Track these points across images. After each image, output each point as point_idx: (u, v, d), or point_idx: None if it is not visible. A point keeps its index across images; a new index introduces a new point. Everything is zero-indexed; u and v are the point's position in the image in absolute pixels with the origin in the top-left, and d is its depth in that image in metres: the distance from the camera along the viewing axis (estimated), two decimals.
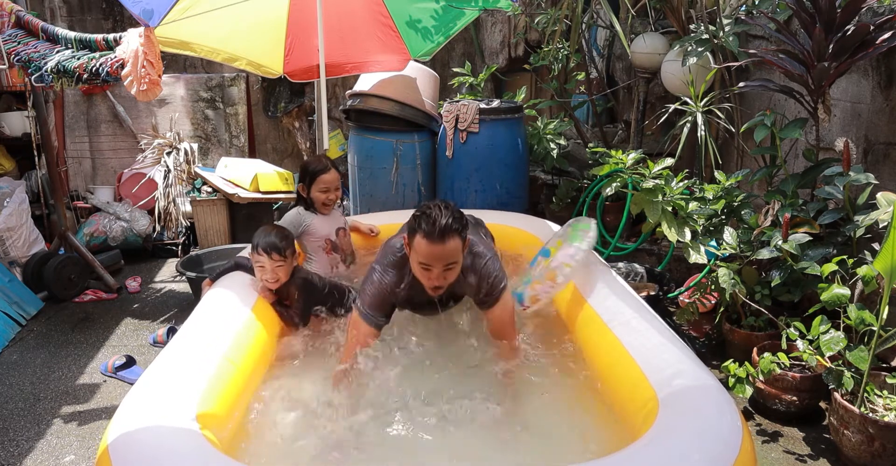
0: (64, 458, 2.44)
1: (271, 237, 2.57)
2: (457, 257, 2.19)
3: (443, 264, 2.16)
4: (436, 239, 2.11)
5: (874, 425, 2.15)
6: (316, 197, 3.00)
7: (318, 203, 3.02)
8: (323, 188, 2.99)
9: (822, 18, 2.66)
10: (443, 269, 2.18)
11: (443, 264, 2.16)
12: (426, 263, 2.17)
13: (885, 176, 2.84)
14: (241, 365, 2.19)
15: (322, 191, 2.99)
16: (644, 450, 1.60)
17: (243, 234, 4.56)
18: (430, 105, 4.30)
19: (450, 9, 3.96)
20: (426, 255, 2.15)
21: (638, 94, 4.28)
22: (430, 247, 2.13)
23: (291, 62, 4.06)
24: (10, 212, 4.04)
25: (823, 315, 2.41)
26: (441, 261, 2.16)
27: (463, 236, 2.20)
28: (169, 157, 4.94)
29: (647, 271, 3.62)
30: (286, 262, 2.59)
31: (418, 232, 2.15)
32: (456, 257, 2.19)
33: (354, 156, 4.30)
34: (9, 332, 3.44)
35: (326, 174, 2.98)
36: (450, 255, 2.16)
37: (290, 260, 2.60)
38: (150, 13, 2.99)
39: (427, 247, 2.13)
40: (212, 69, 5.49)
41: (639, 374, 2.00)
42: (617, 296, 2.49)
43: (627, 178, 3.16)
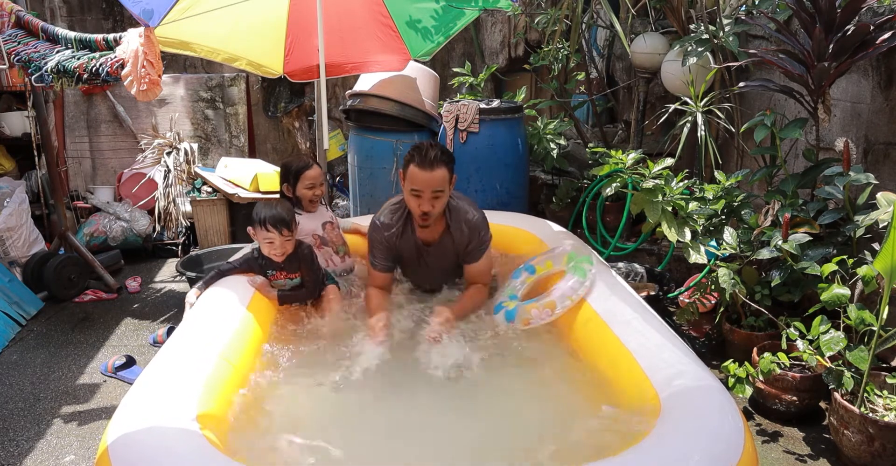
0: (64, 458, 2.44)
1: (276, 211, 2.59)
2: (443, 185, 2.52)
3: (431, 190, 2.49)
4: (426, 166, 2.47)
5: (874, 425, 2.15)
6: (303, 194, 2.98)
7: (305, 200, 2.99)
8: (308, 184, 2.97)
9: (822, 18, 2.66)
10: (431, 196, 2.51)
11: (431, 190, 2.49)
12: (417, 189, 2.50)
13: (885, 176, 2.84)
14: (238, 364, 2.19)
15: (308, 187, 2.97)
16: (646, 451, 1.60)
17: (243, 234, 4.55)
18: (430, 105, 4.30)
19: (450, 9, 3.96)
20: (417, 181, 2.49)
21: (638, 94, 4.28)
22: (420, 174, 2.48)
23: (291, 62, 4.06)
24: (10, 212, 4.04)
25: (823, 315, 2.41)
26: (430, 187, 2.49)
27: (450, 168, 2.54)
28: (169, 157, 4.94)
29: (647, 271, 3.62)
30: (293, 234, 2.64)
31: (411, 162, 2.51)
32: (442, 185, 2.52)
33: (354, 156, 4.30)
34: (9, 332, 3.44)
35: (310, 170, 2.97)
36: (438, 182, 2.50)
37: (296, 231, 2.66)
38: (150, 13, 2.99)
39: (418, 174, 2.48)
40: (212, 69, 5.49)
41: (640, 374, 2.00)
42: (617, 296, 2.49)
43: (627, 178, 3.16)
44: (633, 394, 2.01)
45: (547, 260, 2.86)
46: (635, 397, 1.98)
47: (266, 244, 2.62)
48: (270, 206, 2.62)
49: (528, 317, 2.55)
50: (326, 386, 2.28)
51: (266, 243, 2.62)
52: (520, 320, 2.57)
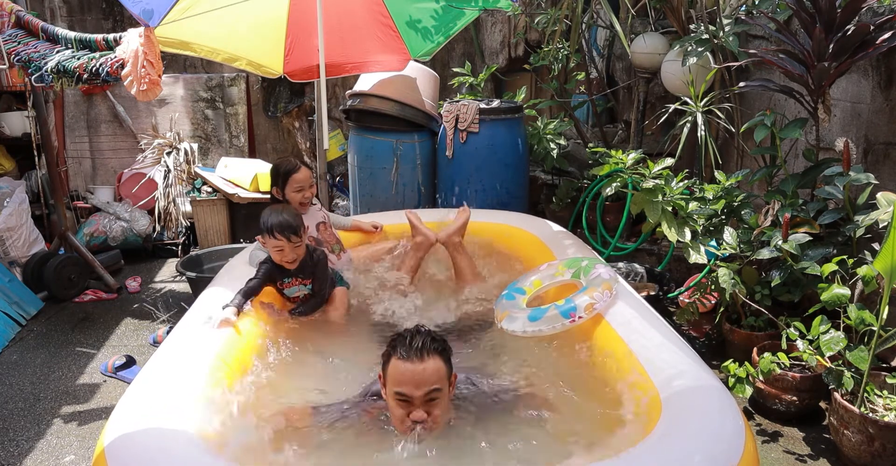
0: (64, 458, 2.44)
1: (283, 217, 2.56)
2: (440, 383, 1.81)
3: (424, 391, 1.77)
4: (414, 359, 1.78)
5: (874, 425, 2.15)
6: (291, 197, 2.96)
7: (295, 203, 2.96)
8: (297, 187, 2.94)
9: (822, 18, 2.66)
10: (424, 399, 1.78)
11: (424, 391, 1.77)
12: (402, 392, 1.78)
13: (885, 176, 2.84)
14: (234, 364, 2.19)
15: (296, 190, 2.95)
16: (647, 451, 1.60)
17: (243, 234, 4.56)
18: (430, 105, 4.30)
19: (450, 9, 3.96)
20: (404, 379, 1.78)
21: (638, 94, 4.28)
22: (408, 368, 1.77)
23: (291, 62, 4.06)
24: (10, 212, 4.04)
25: (823, 315, 2.41)
26: (422, 386, 1.77)
27: (445, 359, 1.85)
28: (169, 157, 4.94)
29: (647, 271, 3.62)
30: (302, 240, 2.61)
31: (392, 356, 1.82)
32: (439, 382, 1.80)
33: (354, 156, 4.30)
34: (9, 332, 3.44)
35: (298, 173, 2.94)
36: (431, 378, 1.79)
37: (305, 236, 2.63)
38: (150, 13, 2.99)
39: (404, 369, 1.78)
40: (212, 69, 5.49)
41: (642, 374, 2.00)
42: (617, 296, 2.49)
43: (627, 178, 3.16)
44: (634, 394, 2.01)
45: (534, 279, 2.80)
46: (636, 396, 1.98)
47: (276, 252, 2.59)
48: (277, 213, 2.59)
49: (592, 303, 2.43)
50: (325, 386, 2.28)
51: (276, 251, 2.59)
52: (583, 308, 2.43)
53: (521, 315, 2.55)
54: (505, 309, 2.66)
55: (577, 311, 2.43)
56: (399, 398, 1.80)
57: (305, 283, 2.74)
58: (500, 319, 2.61)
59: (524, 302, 2.70)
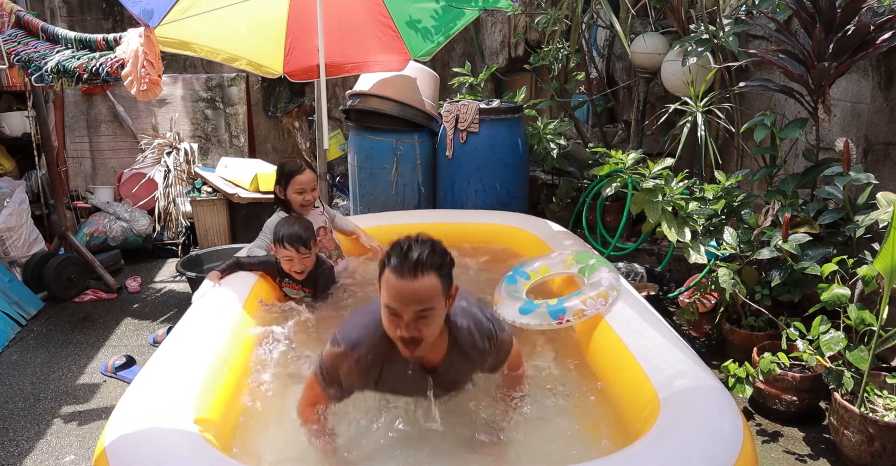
0: (64, 458, 2.44)
1: (294, 229, 2.64)
2: (432, 302, 1.71)
3: (414, 308, 1.69)
4: (406, 274, 1.68)
5: (874, 425, 2.15)
6: (293, 198, 2.96)
7: (296, 204, 2.97)
8: (298, 189, 2.94)
9: (822, 18, 2.66)
10: (414, 316, 1.70)
11: (414, 308, 1.69)
12: (393, 306, 1.71)
13: (885, 176, 2.84)
14: (234, 364, 2.19)
15: (298, 192, 2.94)
16: (645, 450, 1.60)
17: (243, 234, 4.56)
18: (430, 105, 4.30)
19: (450, 9, 3.96)
20: (394, 295, 1.70)
21: (638, 94, 4.28)
22: (398, 284, 1.68)
23: (291, 62, 4.06)
24: (10, 212, 4.04)
25: (823, 315, 2.41)
26: (412, 304, 1.69)
27: (442, 275, 1.73)
28: (169, 157, 4.94)
29: (647, 271, 3.62)
30: (311, 252, 2.67)
31: (387, 266, 1.72)
32: (431, 301, 1.71)
33: (354, 156, 4.30)
34: (9, 332, 3.44)
35: (301, 175, 2.94)
36: (423, 297, 1.69)
37: (314, 249, 2.69)
38: (150, 13, 2.99)
39: (395, 284, 1.69)
40: (212, 69, 5.49)
41: (640, 374, 2.00)
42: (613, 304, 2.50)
43: (627, 178, 3.16)
44: (632, 394, 2.01)
45: (542, 265, 2.83)
46: (635, 396, 1.98)
47: (285, 261, 2.68)
48: (290, 224, 2.67)
49: (582, 309, 2.45)
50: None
51: (285, 260, 2.68)
52: (572, 312, 2.44)
53: (514, 304, 2.55)
54: (503, 293, 2.66)
55: (565, 314, 2.45)
56: (390, 312, 1.73)
57: (306, 291, 2.80)
58: (495, 302, 2.64)
59: (526, 287, 2.74)
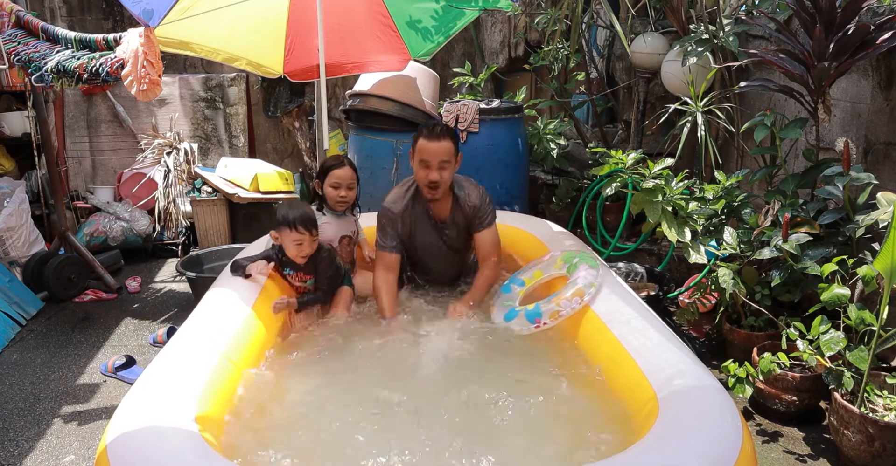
0: (64, 458, 2.44)
1: (304, 211, 2.62)
2: (449, 156, 2.73)
3: (438, 159, 2.71)
4: (433, 138, 2.71)
5: (874, 425, 2.15)
6: (328, 192, 2.98)
7: (331, 200, 2.99)
8: (334, 183, 2.96)
9: (822, 18, 2.66)
10: (438, 166, 2.72)
11: (438, 159, 2.71)
12: (425, 159, 2.71)
13: (885, 176, 2.83)
14: (239, 364, 2.19)
15: (333, 186, 2.97)
16: (644, 451, 1.60)
17: (243, 234, 4.56)
18: (430, 105, 4.30)
19: (450, 9, 3.96)
20: (425, 152, 2.71)
21: (638, 94, 4.28)
22: (428, 145, 2.71)
23: (291, 62, 4.05)
24: (10, 212, 4.04)
25: (823, 315, 2.41)
26: (437, 156, 2.70)
27: (455, 142, 2.77)
28: (169, 157, 4.95)
29: (647, 271, 3.62)
30: (317, 236, 2.67)
31: (420, 136, 2.75)
32: (448, 155, 2.73)
33: (354, 156, 4.30)
34: (9, 332, 3.44)
35: (339, 169, 2.96)
36: (444, 152, 2.71)
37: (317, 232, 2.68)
38: (150, 13, 2.99)
39: (426, 145, 2.71)
40: (212, 69, 5.49)
41: (639, 374, 2.00)
42: (617, 296, 2.49)
43: (627, 178, 3.16)
44: (631, 394, 2.00)
45: (535, 271, 2.87)
46: (633, 397, 1.98)
47: (295, 246, 2.62)
48: (295, 208, 2.63)
49: (557, 310, 2.49)
50: (327, 386, 2.28)
51: (295, 245, 2.62)
52: (548, 315, 2.51)
53: (502, 311, 2.69)
54: (497, 301, 2.79)
55: (542, 318, 2.52)
56: (423, 164, 2.75)
57: (306, 278, 2.77)
58: (491, 311, 2.76)
59: (521, 294, 2.79)
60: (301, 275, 2.77)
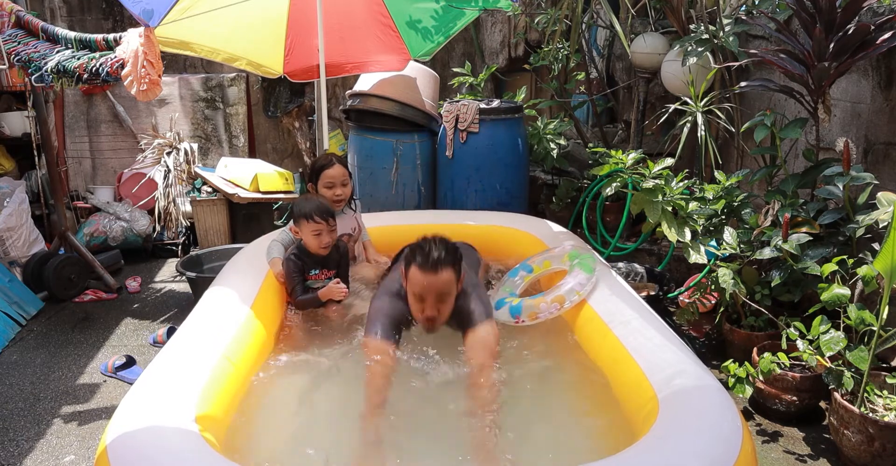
0: (64, 458, 2.44)
1: (319, 202, 2.68)
2: (450, 288, 2.25)
3: (436, 295, 2.22)
4: (429, 270, 2.19)
5: (874, 425, 2.15)
6: (323, 193, 2.98)
7: (328, 200, 2.97)
8: (328, 183, 2.97)
9: (822, 18, 2.66)
10: (435, 300, 2.23)
11: (436, 295, 2.22)
12: (420, 294, 2.24)
13: (885, 176, 2.84)
14: (239, 364, 2.19)
15: (327, 186, 2.98)
16: (644, 451, 1.60)
17: (243, 234, 4.56)
18: (430, 105, 4.30)
19: (450, 9, 3.96)
20: (420, 286, 2.22)
21: (638, 94, 4.28)
22: (423, 277, 2.20)
23: (291, 62, 4.06)
24: (10, 212, 4.04)
25: (823, 315, 2.41)
26: (434, 292, 2.22)
27: (456, 269, 2.27)
28: (169, 157, 4.94)
29: (647, 271, 3.62)
30: (335, 226, 2.72)
31: (413, 263, 2.24)
32: (449, 288, 2.24)
33: (354, 156, 4.30)
34: (9, 332, 3.44)
35: (330, 169, 2.97)
36: (443, 286, 2.22)
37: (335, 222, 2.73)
38: (150, 13, 2.99)
39: (421, 277, 2.21)
40: (212, 69, 5.49)
41: (639, 374, 2.00)
42: (617, 296, 2.49)
43: (627, 178, 3.16)
44: (631, 394, 2.01)
45: (545, 259, 2.88)
46: (633, 397, 1.98)
47: (314, 237, 2.67)
48: (310, 200, 2.69)
49: (535, 311, 2.55)
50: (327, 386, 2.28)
51: (314, 236, 2.67)
52: (526, 314, 2.57)
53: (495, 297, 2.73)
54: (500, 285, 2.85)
55: (521, 315, 2.57)
56: (416, 299, 2.26)
57: (330, 275, 2.80)
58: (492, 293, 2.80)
59: (526, 280, 2.85)
60: (325, 272, 2.80)
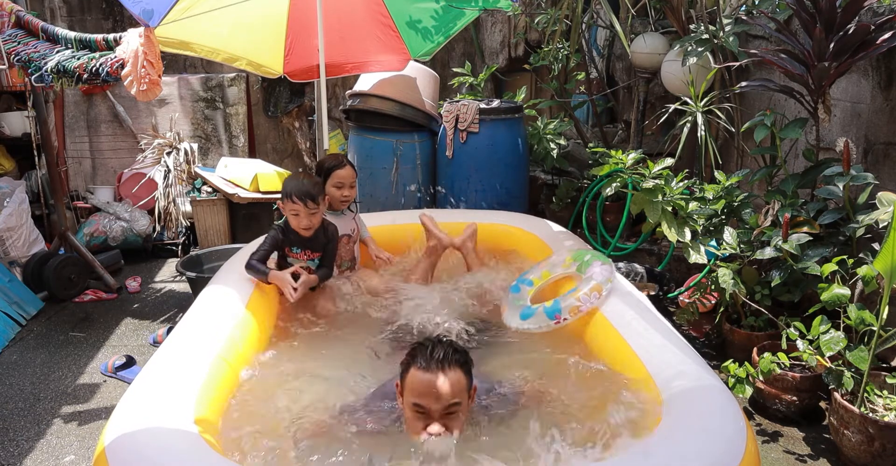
0: (64, 458, 2.44)
1: (304, 185, 2.68)
2: (460, 395, 1.73)
3: (443, 404, 1.69)
4: (434, 369, 1.71)
5: (874, 425, 2.15)
6: (331, 192, 3.00)
7: (334, 200, 3.01)
8: (337, 183, 3.00)
9: (822, 18, 2.66)
10: (443, 412, 1.70)
11: (443, 404, 1.69)
12: (421, 404, 1.71)
13: (885, 176, 2.84)
14: (236, 363, 2.19)
15: (336, 186, 3.00)
16: (648, 451, 1.60)
17: (243, 234, 4.56)
18: (430, 105, 4.30)
19: (450, 9, 3.96)
20: (421, 390, 1.71)
21: (638, 94, 4.28)
22: (427, 378, 1.71)
23: (291, 62, 4.06)
24: (10, 212, 4.04)
25: (823, 315, 2.41)
26: (440, 400, 1.69)
27: (466, 372, 1.78)
28: (169, 157, 4.94)
29: (647, 271, 3.62)
30: (319, 209, 2.71)
31: (412, 365, 1.76)
32: (459, 396, 1.73)
33: (354, 156, 4.30)
34: (9, 332, 3.43)
35: (341, 169, 3.00)
36: (451, 391, 1.71)
37: (322, 206, 2.72)
38: (150, 13, 2.99)
39: (424, 379, 1.71)
40: (212, 69, 5.49)
41: (644, 374, 2.00)
42: (622, 297, 2.50)
43: (627, 178, 3.16)
44: (635, 394, 2.00)
45: (543, 271, 2.86)
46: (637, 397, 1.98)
47: (292, 216, 2.70)
48: (298, 180, 2.70)
49: (577, 305, 2.49)
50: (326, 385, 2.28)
51: (292, 215, 2.70)
52: (567, 311, 2.49)
53: (515, 311, 2.64)
54: (507, 302, 2.75)
55: (561, 313, 2.52)
56: (417, 410, 1.72)
57: (313, 256, 2.81)
58: (502, 312, 2.72)
59: (530, 294, 2.78)
60: (308, 253, 2.80)
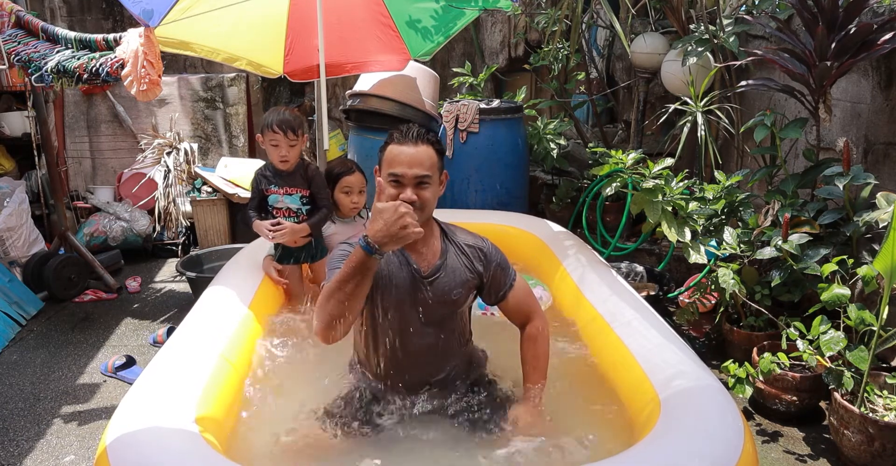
0: (64, 458, 2.44)
1: (284, 115, 2.72)
2: (430, 170, 1.89)
3: (415, 171, 1.86)
4: (408, 141, 1.89)
5: (874, 425, 2.15)
6: (339, 199, 2.97)
7: (344, 207, 2.97)
8: (345, 189, 2.95)
9: (824, 17, 2.66)
10: (415, 182, 1.87)
11: (415, 171, 1.86)
12: (395, 172, 1.86)
13: (885, 176, 2.84)
14: (238, 364, 2.19)
15: (344, 192, 2.96)
16: (645, 452, 1.60)
17: (243, 234, 4.56)
18: (430, 105, 4.30)
19: (450, 9, 3.96)
20: (397, 161, 1.87)
21: (638, 94, 4.28)
22: (400, 149, 1.88)
23: (291, 62, 4.05)
24: (10, 212, 4.04)
25: (823, 315, 2.41)
26: (413, 167, 1.86)
27: (438, 151, 1.93)
28: (169, 157, 4.95)
29: (647, 271, 3.62)
30: (298, 142, 2.74)
31: (391, 143, 1.92)
32: (429, 169, 1.89)
33: (354, 156, 4.30)
34: (9, 332, 3.44)
35: (349, 176, 2.96)
36: (423, 162, 1.87)
37: (301, 140, 2.76)
38: (150, 13, 2.99)
39: (397, 150, 1.88)
40: (212, 69, 5.49)
41: (640, 374, 2.00)
42: (618, 296, 2.50)
43: (627, 178, 3.16)
44: (632, 394, 2.01)
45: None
46: (635, 397, 1.98)
47: (271, 147, 2.73)
48: (278, 112, 2.75)
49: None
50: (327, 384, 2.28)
51: (272, 146, 2.73)
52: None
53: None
54: None
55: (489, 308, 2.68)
56: (392, 179, 1.88)
57: (291, 192, 2.82)
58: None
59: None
60: (287, 189, 2.81)
